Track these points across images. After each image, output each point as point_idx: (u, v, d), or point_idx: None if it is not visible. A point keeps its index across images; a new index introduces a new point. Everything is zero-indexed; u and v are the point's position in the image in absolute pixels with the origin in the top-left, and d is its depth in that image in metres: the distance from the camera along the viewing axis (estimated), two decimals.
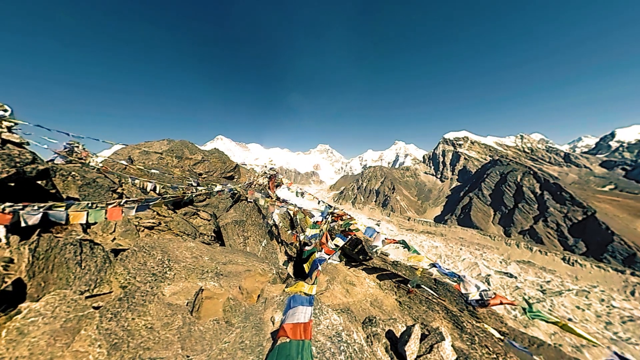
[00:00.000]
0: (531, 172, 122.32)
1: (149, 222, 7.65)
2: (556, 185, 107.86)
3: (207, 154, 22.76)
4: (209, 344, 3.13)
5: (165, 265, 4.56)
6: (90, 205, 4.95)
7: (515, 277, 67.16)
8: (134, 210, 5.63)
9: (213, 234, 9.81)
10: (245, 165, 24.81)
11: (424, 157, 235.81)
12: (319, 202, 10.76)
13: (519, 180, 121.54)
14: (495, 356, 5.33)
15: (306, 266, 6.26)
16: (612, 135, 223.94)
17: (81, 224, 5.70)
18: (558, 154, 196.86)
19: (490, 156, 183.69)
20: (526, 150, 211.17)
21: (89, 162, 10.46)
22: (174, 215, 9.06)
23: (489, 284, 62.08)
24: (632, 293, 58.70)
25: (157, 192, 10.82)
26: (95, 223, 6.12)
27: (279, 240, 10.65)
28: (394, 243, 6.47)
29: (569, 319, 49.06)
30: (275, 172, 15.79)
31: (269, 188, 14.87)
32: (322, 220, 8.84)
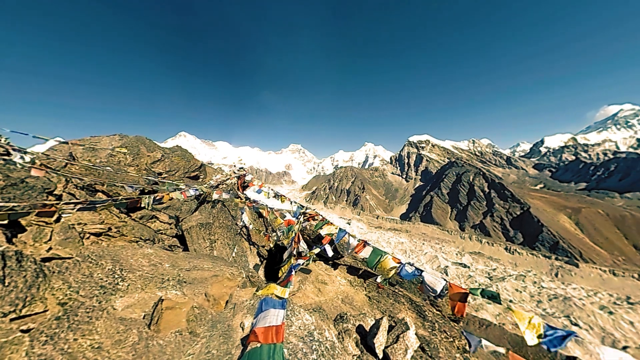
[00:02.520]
0: (481, 173, 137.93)
1: (97, 228, 6.73)
2: (500, 184, 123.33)
3: (169, 151, 20.91)
4: (170, 359, 2.88)
5: (116, 276, 4.06)
6: (12, 208, 4.17)
7: (468, 267, 75.14)
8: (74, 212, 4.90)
9: (175, 239, 9.05)
10: (212, 164, 23.39)
11: (391, 158, 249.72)
12: (291, 202, 10.65)
13: (471, 180, 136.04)
14: (451, 339, 5.89)
15: (282, 270, 6.16)
16: (542, 142, 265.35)
17: (4, 233, 4.78)
18: (502, 157, 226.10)
19: (448, 158, 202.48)
20: (477, 153, 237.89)
21: (16, 158, 8.79)
22: (127, 220, 8.13)
23: (447, 274, 68.34)
24: (556, 275, 70.07)
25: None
26: (24, 230, 5.18)
27: (250, 242, 10.28)
28: (363, 248, 6.72)
29: (510, 301, 56.62)
30: (244, 172, 15.21)
31: (238, 188, 14.25)
32: (295, 220, 8.78)
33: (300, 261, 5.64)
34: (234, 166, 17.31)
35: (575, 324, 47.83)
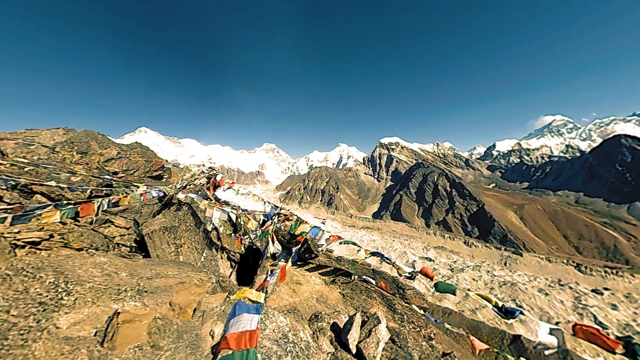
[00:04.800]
0: (444, 173, 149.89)
1: (34, 236, 5.80)
2: (460, 184, 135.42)
3: (126, 148, 18.92)
4: None
5: (60, 290, 3.55)
6: None
7: (433, 260, 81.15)
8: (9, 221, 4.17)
9: (134, 245, 8.21)
10: (178, 163, 21.76)
11: (363, 159, 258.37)
12: (264, 202, 10.38)
13: (435, 180, 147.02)
14: (418, 329, 6.30)
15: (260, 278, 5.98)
16: (494, 146, 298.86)
17: None
18: (461, 159, 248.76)
19: (415, 160, 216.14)
20: (440, 155, 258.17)
21: None
22: (74, 225, 7.16)
23: (414, 268, 72.93)
24: (505, 264, 79.18)
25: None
26: None
27: (220, 245, 9.78)
28: (337, 240, 6.84)
29: (468, 289, 62.55)
30: (215, 172, 14.43)
31: (208, 189, 13.48)
32: (269, 221, 8.58)
33: (277, 270, 5.53)
34: (203, 165, 16.28)
35: (520, 306, 54.67)
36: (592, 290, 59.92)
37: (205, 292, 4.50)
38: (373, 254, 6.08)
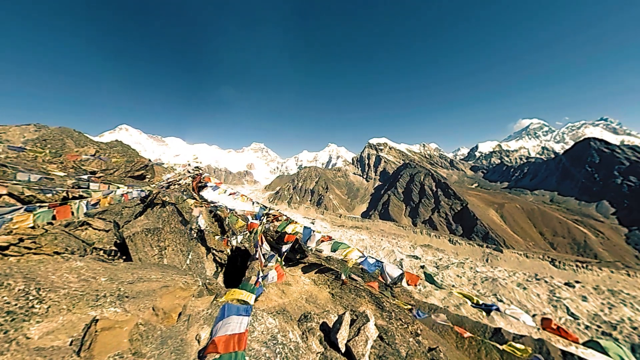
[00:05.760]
0: (430, 174, 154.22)
1: (0, 240, 5.38)
2: (445, 184, 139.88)
3: (105, 147, 18.00)
4: None
5: (31, 298, 3.32)
6: None
7: (420, 258, 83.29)
8: None
9: (114, 248, 7.83)
10: (162, 162, 20.97)
11: (352, 159, 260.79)
12: (253, 202, 10.22)
13: (422, 180, 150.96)
14: (406, 325, 6.44)
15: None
16: (477, 147, 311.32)
17: None
18: (446, 160, 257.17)
19: (403, 160, 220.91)
20: (426, 156, 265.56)
21: None
22: (49, 227, 6.72)
23: (402, 266, 74.51)
24: (487, 260, 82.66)
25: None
26: None
27: (207, 247, 9.53)
28: (328, 240, 6.84)
29: (453, 285, 64.71)
30: (201, 171, 14.04)
31: (193, 189, 13.09)
32: (258, 222, 8.45)
33: (272, 270, 5.44)
34: (189, 165, 15.78)
35: (500, 300, 57.31)
36: (565, 284, 63.89)
37: (191, 296, 4.37)
38: (362, 257, 6.09)
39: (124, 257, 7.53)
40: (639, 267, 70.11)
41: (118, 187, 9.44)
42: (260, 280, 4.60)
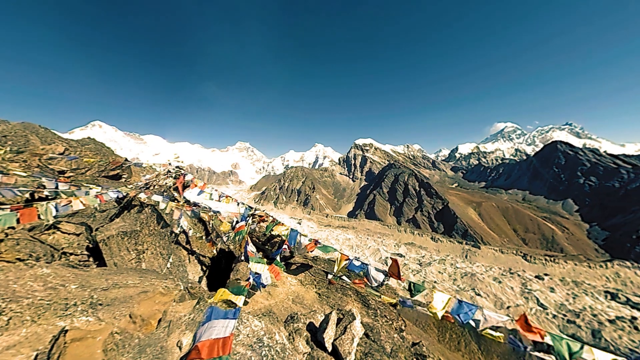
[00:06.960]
0: (414, 174, 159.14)
1: None
2: (427, 184, 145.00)
3: (76, 144, 16.78)
4: None
5: None
6: None
7: (404, 256, 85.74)
8: None
9: (86, 253, 7.32)
10: (140, 162, 19.90)
11: (339, 159, 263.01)
12: (238, 203, 9.98)
13: (406, 180, 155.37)
14: (390, 322, 6.60)
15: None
16: (457, 149, 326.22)
17: None
18: (428, 160, 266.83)
19: (387, 160, 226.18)
20: (410, 157, 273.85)
21: None
22: (9, 232, 6.14)
23: (387, 264, 76.27)
24: (466, 256, 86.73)
25: None
26: None
27: (189, 250, 9.17)
28: (315, 247, 6.79)
29: (435, 282, 67.27)
30: (182, 171, 13.49)
31: (175, 189, 12.54)
32: (243, 224, 8.26)
33: (265, 271, 5.31)
34: (169, 164, 15.09)
35: (478, 294, 60.40)
36: (535, 277, 68.60)
37: (171, 301, 4.19)
38: (350, 259, 6.13)
39: (97, 263, 7.07)
40: (599, 260, 76.86)
41: (90, 188, 8.84)
42: (252, 281, 4.49)
